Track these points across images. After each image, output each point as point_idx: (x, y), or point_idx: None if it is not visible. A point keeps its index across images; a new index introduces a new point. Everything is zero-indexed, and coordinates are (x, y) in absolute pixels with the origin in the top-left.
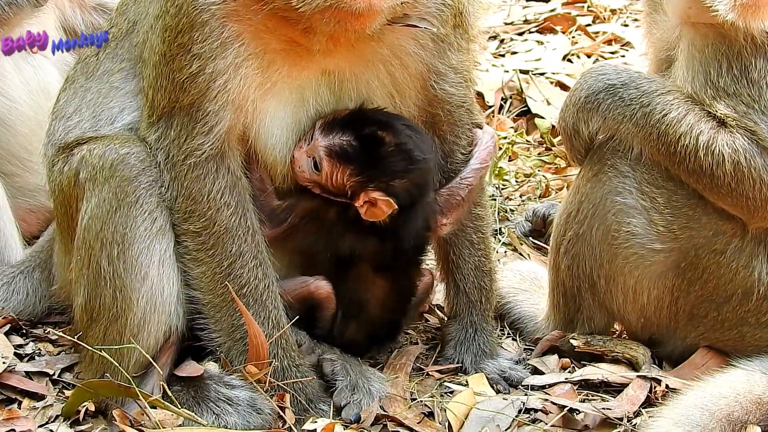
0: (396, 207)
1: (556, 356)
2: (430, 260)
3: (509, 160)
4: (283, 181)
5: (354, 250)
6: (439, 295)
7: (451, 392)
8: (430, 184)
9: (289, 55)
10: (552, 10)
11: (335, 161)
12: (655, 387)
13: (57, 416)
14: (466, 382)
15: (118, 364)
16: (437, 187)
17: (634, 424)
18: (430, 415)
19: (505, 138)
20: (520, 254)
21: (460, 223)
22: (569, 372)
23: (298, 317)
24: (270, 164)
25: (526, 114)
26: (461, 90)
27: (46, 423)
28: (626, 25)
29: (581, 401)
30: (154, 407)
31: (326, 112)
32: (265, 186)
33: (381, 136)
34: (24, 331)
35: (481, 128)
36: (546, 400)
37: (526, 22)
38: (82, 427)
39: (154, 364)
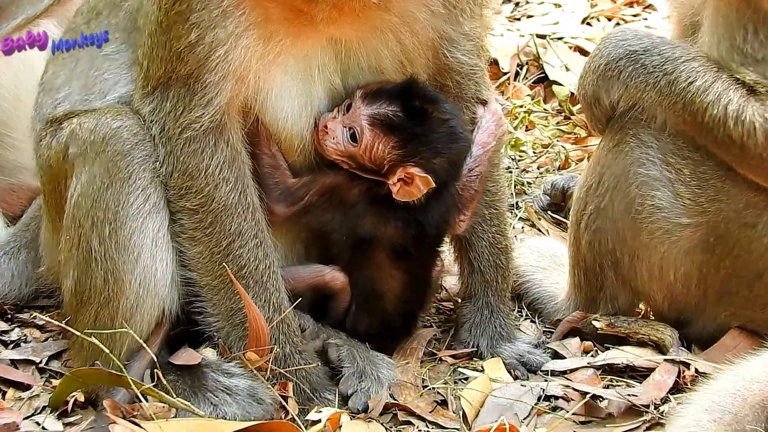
0: (433, 185)
1: (577, 339)
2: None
3: (526, 130)
4: (298, 157)
5: (374, 233)
6: (452, 278)
7: (466, 379)
8: (463, 165)
9: (292, 24)
10: None
11: (379, 131)
12: (683, 371)
13: (44, 407)
14: (482, 367)
15: (109, 351)
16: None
17: (662, 412)
18: (443, 403)
19: (521, 106)
20: (539, 230)
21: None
22: (592, 356)
23: (300, 299)
24: (284, 139)
25: (544, 81)
26: (473, 59)
27: (33, 415)
28: None
29: (605, 387)
30: (148, 397)
31: (335, 83)
32: (279, 162)
33: (428, 110)
34: (9, 315)
35: (485, 104)
36: (567, 386)
37: None
38: (71, 419)
39: (149, 350)
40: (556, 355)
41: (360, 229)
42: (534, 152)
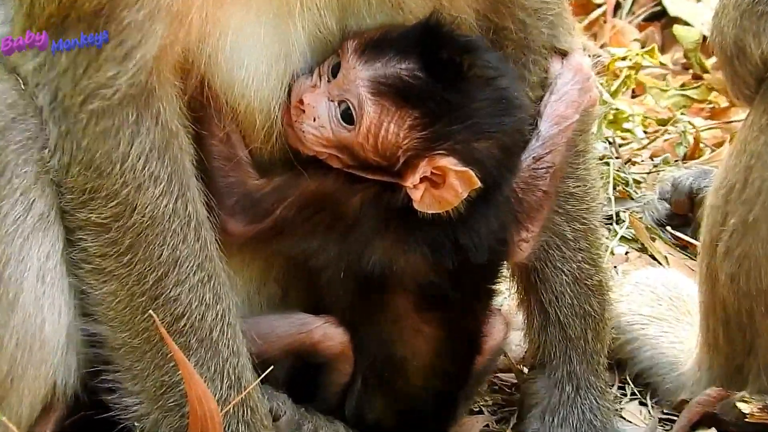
0: (478, 184)
1: (713, 431)
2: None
3: (632, 97)
4: (265, 143)
5: (388, 267)
6: (514, 333)
7: None
8: (522, 152)
9: None
10: None
11: (387, 103)
12: None
13: None
14: None
15: None
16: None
17: None
18: None
19: (624, 59)
20: (652, 257)
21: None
22: None
23: (272, 368)
24: (242, 114)
25: (660, 17)
26: None
27: None
28: None
29: None
30: None
31: (327, 26)
32: (236, 151)
33: (463, 64)
34: None
35: (565, 57)
36: None
37: None
38: None
39: None
40: None
41: (366, 261)
42: (645, 132)
